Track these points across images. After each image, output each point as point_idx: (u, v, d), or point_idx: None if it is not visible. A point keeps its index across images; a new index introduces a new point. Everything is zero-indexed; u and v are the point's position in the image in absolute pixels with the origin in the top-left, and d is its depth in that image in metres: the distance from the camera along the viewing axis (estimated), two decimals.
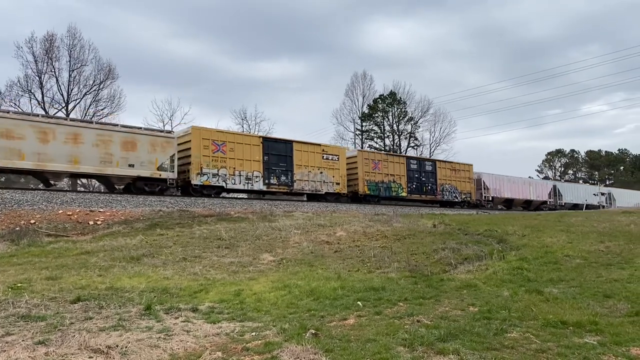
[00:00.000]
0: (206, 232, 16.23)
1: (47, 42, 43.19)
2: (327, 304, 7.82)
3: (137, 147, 22.94)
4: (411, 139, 60.58)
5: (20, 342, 5.71)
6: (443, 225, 17.18)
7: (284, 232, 16.12)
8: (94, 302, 7.93)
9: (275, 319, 6.98)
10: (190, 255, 12.79)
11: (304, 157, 29.01)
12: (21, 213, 18.11)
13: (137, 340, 5.77)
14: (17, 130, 20.05)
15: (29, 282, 9.37)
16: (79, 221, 18.28)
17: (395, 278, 9.79)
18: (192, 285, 9.37)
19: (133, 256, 12.35)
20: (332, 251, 13.15)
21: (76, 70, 44.32)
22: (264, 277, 10.20)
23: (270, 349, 5.48)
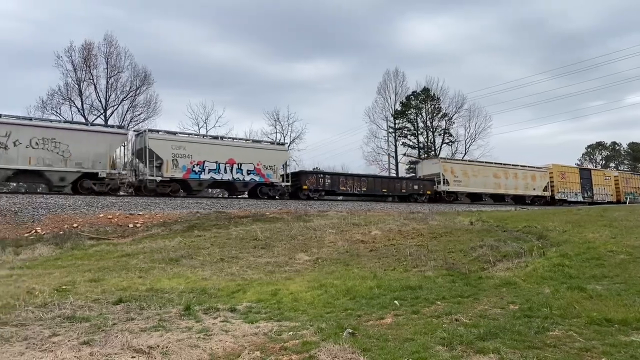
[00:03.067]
0: (242, 233, 16.41)
1: (85, 50, 44.53)
2: (363, 303, 7.80)
3: (536, 178, 40.86)
4: (445, 135, 59.81)
5: (66, 342, 5.90)
6: (480, 222, 16.91)
7: (318, 231, 16.16)
8: (135, 303, 8.12)
9: (312, 318, 7.00)
10: (227, 255, 12.96)
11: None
12: (64, 217, 18.70)
13: (178, 341, 5.88)
14: None
15: (73, 284, 9.66)
16: (119, 224, 18.75)
17: (432, 276, 9.69)
18: (229, 286, 9.48)
19: (172, 258, 12.59)
20: (368, 250, 13.11)
21: (113, 77, 45.52)
22: (300, 277, 10.24)
23: (308, 349, 5.49)
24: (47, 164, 22.17)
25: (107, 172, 23.65)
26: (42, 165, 22.07)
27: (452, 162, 38.23)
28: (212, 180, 26.80)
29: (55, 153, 22.36)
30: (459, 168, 37.12)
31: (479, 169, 38.15)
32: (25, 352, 5.48)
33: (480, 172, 37.81)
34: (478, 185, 37.38)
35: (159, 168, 24.95)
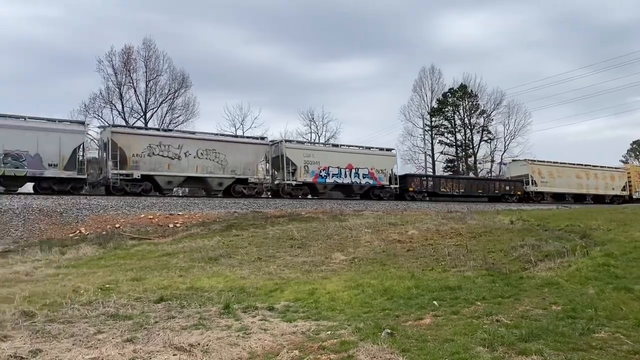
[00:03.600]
0: (279, 233, 16.53)
1: (125, 55, 45.74)
2: (401, 303, 7.74)
3: (614, 178, 42.65)
4: (484, 132, 58.75)
5: (110, 339, 6.06)
6: (521, 221, 16.54)
7: (354, 231, 16.13)
8: (176, 301, 8.28)
9: (349, 318, 6.99)
10: (264, 255, 13.08)
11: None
12: (107, 218, 19.24)
13: (218, 339, 5.97)
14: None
15: (116, 283, 9.93)
16: (160, 224, 19.17)
17: (471, 277, 9.53)
18: (267, 285, 9.57)
19: (211, 257, 12.79)
20: (405, 250, 13.00)
21: (152, 81, 46.56)
22: (336, 276, 10.24)
23: (346, 348, 5.49)
24: (209, 171, 26.07)
25: (255, 177, 27.60)
26: (205, 172, 26.00)
27: (540, 164, 39.75)
28: (335, 183, 30.41)
29: (215, 162, 26.26)
30: (545, 169, 39.17)
31: (563, 170, 40.10)
32: (72, 349, 5.66)
33: (564, 173, 39.91)
34: (562, 185, 39.47)
35: (293, 174, 28.55)
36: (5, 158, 21.09)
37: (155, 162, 24.52)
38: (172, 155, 24.92)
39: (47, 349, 5.63)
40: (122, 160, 23.68)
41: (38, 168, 21.85)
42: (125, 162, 23.78)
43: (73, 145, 22.72)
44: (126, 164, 23.82)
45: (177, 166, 25.06)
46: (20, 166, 21.46)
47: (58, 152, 22.18)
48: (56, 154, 22.14)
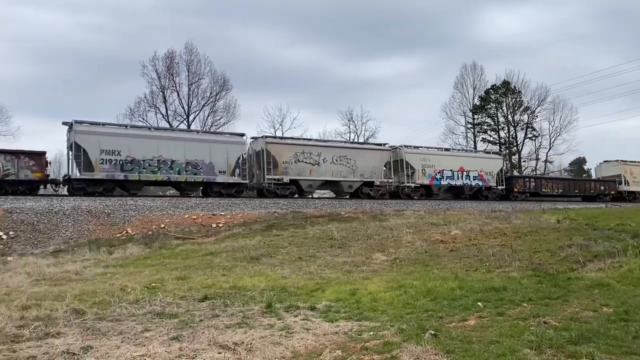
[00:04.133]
0: (319, 232, 16.57)
1: (168, 59, 46.78)
2: (445, 304, 7.62)
3: None
4: (528, 129, 57.28)
5: (157, 337, 6.21)
6: (568, 220, 16.06)
7: (395, 231, 16.00)
8: (219, 300, 8.41)
9: (392, 318, 6.93)
10: (305, 255, 13.13)
11: None
12: (152, 218, 19.72)
13: (261, 338, 6.02)
14: None
15: (162, 282, 10.16)
16: (203, 224, 19.52)
17: (517, 277, 9.30)
18: (308, 284, 9.60)
19: (253, 256, 12.93)
20: (448, 250, 12.81)
21: (194, 84, 47.47)
22: (378, 277, 10.18)
23: (389, 349, 5.44)
24: (342, 175, 29.09)
25: (380, 180, 30.15)
26: (339, 176, 29.07)
27: (631, 165, 41.33)
28: (449, 185, 32.75)
29: (347, 167, 29.21)
30: (637, 169, 40.81)
31: None
32: (121, 346, 5.82)
33: None
34: None
35: (411, 176, 31.18)
36: (187, 166, 25.01)
37: (300, 168, 27.88)
38: (313, 162, 28.29)
39: (97, 346, 5.81)
40: (275, 167, 27.04)
41: (211, 174, 25.66)
42: (277, 168, 27.11)
43: (237, 155, 26.45)
44: (278, 169, 27.12)
45: (317, 171, 28.41)
46: (197, 173, 25.36)
47: (226, 160, 26.03)
48: (224, 162, 25.99)
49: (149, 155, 24.05)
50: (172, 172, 24.64)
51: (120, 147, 23.41)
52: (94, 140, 23.00)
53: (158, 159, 24.28)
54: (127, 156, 23.52)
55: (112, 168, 23.22)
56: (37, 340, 6.16)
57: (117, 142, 23.48)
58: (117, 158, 23.26)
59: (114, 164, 23.23)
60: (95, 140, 23.01)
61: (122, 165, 23.42)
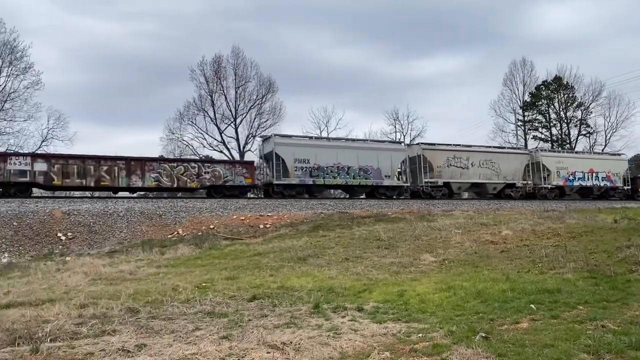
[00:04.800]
0: (365, 233, 16.50)
1: (216, 63, 47.75)
2: (496, 306, 7.43)
3: None
4: (582, 126, 55.21)
5: (207, 336, 6.33)
6: (626, 220, 15.38)
7: (444, 231, 15.75)
8: (267, 300, 8.50)
9: (441, 320, 6.81)
10: (351, 255, 13.10)
11: None
12: (202, 219, 20.16)
13: (309, 338, 6.04)
14: None
15: (212, 282, 10.37)
16: (251, 225, 19.81)
17: (572, 279, 8.97)
18: (355, 285, 9.57)
19: (300, 257, 13.01)
20: (498, 251, 12.50)
21: (241, 87, 48.23)
22: (426, 278, 10.05)
23: (439, 351, 5.36)
24: (487, 178, 31.54)
25: (521, 182, 32.36)
26: (484, 179, 31.48)
27: None
28: (580, 186, 34.76)
29: (492, 170, 31.65)
30: None
31: None
32: (173, 344, 5.97)
33: None
34: None
35: (547, 178, 33.34)
36: (360, 172, 28.16)
37: (451, 172, 30.51)
38: (462, 166, 30.86)
39: (151, 344, 5.98)
40: (430, 170, 29.75)
41: (379, 179, 28.57)
42: (432, 172, 29.80)
43: (399, 160, 29.55)
44: (433, 173, 29.79)
45: (465, 174, 30.92)
46: (368, 177, 28.42)
47: (390, 165, 28.94)
48: (389, 168, 28.88)
49: (331, 163, 27.62)
50: (348, 176, 27.97)
51: (309, 156, 27.23)
52: (290, 151, 26.90)
53: (337, 166, 27.77)
54: (314, 164, 27.21)
55: (303, 174, 26.96)
56: (94, 337, 6.40)
57: (306, 151, 27.32)
58: (306, 165, 27.07)
59: (304, 170, 26.99)
60: (290, 151, 26.92)
61: (311, 172, 27.13)
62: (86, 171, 22.92)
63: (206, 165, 25.84)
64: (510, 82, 56.05)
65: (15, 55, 39.08)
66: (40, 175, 22.14)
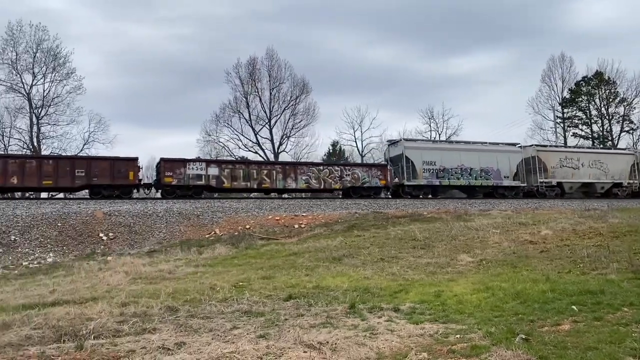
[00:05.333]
0: (400, 233, 16.39)
1: (250, 66, 48.25)
2: (536, 307, 7.28)
3: None
4: (625, 122, 53.41)
5: (245, 335, 6.42)
6: None
7: (481, 231, 15.51)
8: (303, 300, 8.54)
9: (479, 321, 6.72)
10: (387, 255, 13.04)
11: None
12: (238, 219, 20.41)
13: (345, 338, 6.05)
14: None
15: (248, 281, 10.49)
16: (286, 225, 19.94)
17: (615, 280, 8.70)
18: (391, 285, 9.52)
19: (335, 257, 13.03)
20: (538, 251, 12.23)
21: (275, 89, 48.59)
22: (463, 279, 9.92)
23: (477, 353, 5.29)
24: (596, 177, 33.02)
25: (627, 182, 33.75)
26: (594, 179, 32.97)
27: None
28: None
29: (600, 170, 33.17)
30: None
31: None
32: (212, 343, 6.07)
33: None
34: None
35: None
36: (481, 173, 30.03)
37: (564, 172, 32.12)
38: (574, 166, 32.51)
39: (190, 342, 6.10)
40: (544, 171, 31.45)
41: (498, 179, 30.30)
42: (546, 172, 31.50)
43: (516, 161, 31.05)
44: (547, 173, 31.51)
45: (577, 174, 32.38)
46: (488, 178, 30.16)
47: (508, 167, 30.65)
48: (507, 169, 30.60)
49: (454, 165, 29.50)
50: (470, 178, 29.81)
51: (435, 159, 29.17)
52: (418, 154, 29.02)
53: (460, 167, 29.63)
54: (440, 165, 29.10)
55: (430, 176, 28.95)
56: (135, 335, 6.57)
57: (433, 154, 29.32)
58: (433, 167, 29.00)
59: (431, 172, 28.94)
60: (418, 154, 29.02)
61: (437, 173, 29.03)
62: (250, 175, 25.48)
63: (347, 168, 28.07)
64: (549, 78, 54.75)
65: (58, 61, 40.47)
66: (213, 178, 24.69)
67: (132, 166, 23.77)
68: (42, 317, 7.40)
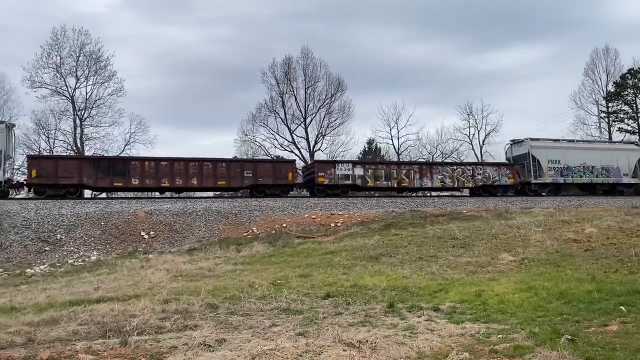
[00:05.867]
0: (439, 232, 16.18)
1: (286, 65, 48.43)
2: (581, 307, 7.07)
3: None
4: None
5: (284, 332, 6.45)
6: None
7: (522, 230, 15.16)
8: (341, 298, 8.53)
9: (522, 321, 6.56)
10: (425, 254, 12.89)
11: None
12: (275, 218, 20.54)
13: (385, 337, 6.01)
14: None
15: (286, 279, 10.55)
16: (322, 223, 19.95)
17: None
18: (430, 285, 9.41)
19: (372, 255, 12.96)
20: (582, 250, 11.88)
21: (310, 87, 48.65)
22: (504, 278, 9.71)
23: (521, 353, 5.16)
24: None
25: None
26: None
27: None
28: None
29: None
30: None
31: None
32: (251, 340, 6.12)
33: None
34: None
35: None
36: (602, 171, 30.94)
37: None
38: None
39: (230, 339, 6.17)
40: None
41: (618, 177, 31.27)
42: None
43: (635, 159, 31.81)
44: None
45: None
46: (609, 176, 31.18)
47: (627, 164, 31.60)
48: (627, 166, 31.58)
49: (577, 163, 30.53)
50: (592, 175, 30.75)
51: (559, 157, 30.31)
52: (543, 153, 30.04)
53: (583, 165, 30.60)
54: (564, 164, 30.24)
55: (555, 174, 30.04)
56: (177, 331, 6.69)
57: (557, 153, 30.37)
58: (557, 166, 30.14)
59: (556, 170, 30.04)
60: (544, 153, 30.06)
61: (561, 172, 30.14)
62: (390, 175, 26.99)
63: (478, 167, 29.41)
64: (592, 71, 52.92)
65: (99, 64, 41.57)
66: (359, 178, 26.30)
67: (291, 168, 26.29)
68: (87, 313, 7.62)
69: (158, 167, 23.79)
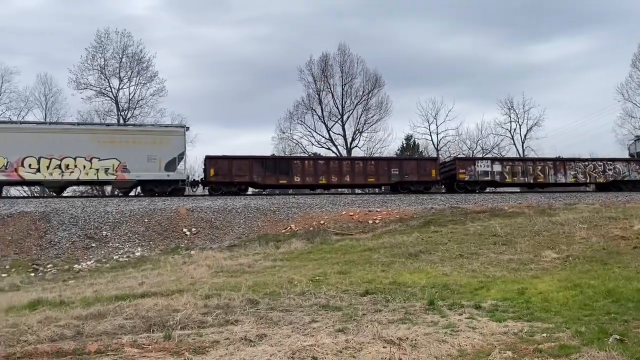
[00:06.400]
0: (480, 229, 15.92)
1: (323, 62, 48.46)
2: (630, 307, 6.84)
3: None
4: None
5: (323, 328, 6.49)
6: None
7: (566, 226, 14.75)
8: (380, 295, 8.51)
9: (567, 320, 6.41)
10: (465, 252, 12.71)
11: None
12: (313, 215, 20.61)
13: (425, 334, 5.96)
14: None
15: (325, 276, 10.59)
16: (360, 220, 19.90)
17: None
18: (471, 282, 9.28)
19: (411, 253, 12.86)
20: (630, 247, 11.48)
21: (347, 84, 48.51)
22: (548, 276, 9.49)
23: (566, 352, 5.04)
24: None
25: None
26: None
27: None
28: None
29: None
30: None
31: None
32: (291, 335, 6.18)
33: None
34: None
35: None
36: None
37: None
38: None
39: (271, 334, 6.24)
40: None
41: None
42: None
43: None
44: None
45: None
46: None
47: None
48: None
49: None
50: None
51: None
52: None
53: None
54: None
55: None
56: (218, 326, 6.82)
57: None
58: None
59: None
60: None
61: None
62: (526, 171, 27.77)
63: (608, 163, 29.19)
64: None
65: (142, 65, 42.63)
66: (497, 174, 27.14)
67: (434, 165, 27.24)
68: (132, 308, 7.84)
69: (316, 166, 25.68)
